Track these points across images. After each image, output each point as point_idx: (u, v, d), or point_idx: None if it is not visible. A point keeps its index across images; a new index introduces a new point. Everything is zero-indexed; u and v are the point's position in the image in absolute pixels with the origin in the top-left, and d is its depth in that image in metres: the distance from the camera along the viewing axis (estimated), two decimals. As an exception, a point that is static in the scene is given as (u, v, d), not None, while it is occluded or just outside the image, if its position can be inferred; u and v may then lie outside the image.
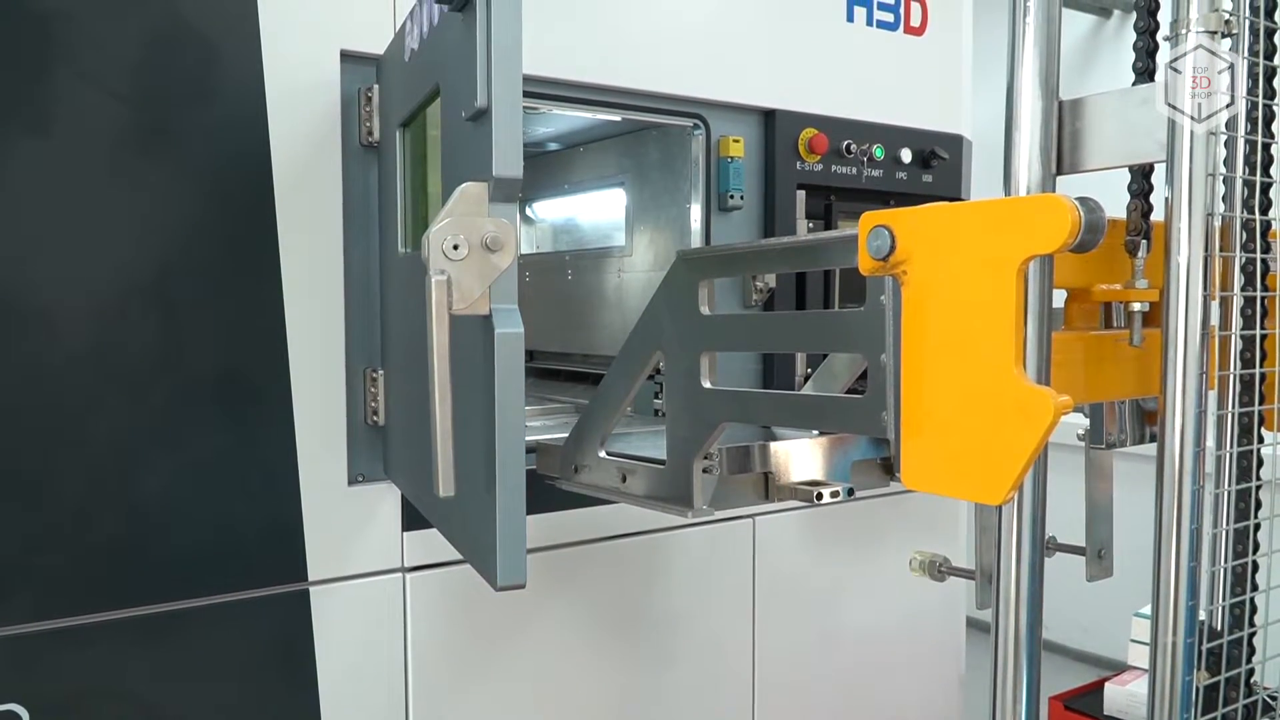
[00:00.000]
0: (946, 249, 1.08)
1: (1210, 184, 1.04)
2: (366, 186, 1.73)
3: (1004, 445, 1.00)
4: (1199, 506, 1.10)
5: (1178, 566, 1.11)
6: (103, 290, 1.53)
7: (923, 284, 1.11)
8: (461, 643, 1.86)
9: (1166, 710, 1.15)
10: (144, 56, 1.53)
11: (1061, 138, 1.10)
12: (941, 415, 1.08)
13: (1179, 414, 1.09)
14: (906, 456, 1.13)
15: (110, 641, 1.55)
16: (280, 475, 1.66)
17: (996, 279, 1.02)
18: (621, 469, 1.67)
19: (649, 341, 1.64)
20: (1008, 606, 1.21)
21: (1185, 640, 1.13)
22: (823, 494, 1.52)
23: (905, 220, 1.11)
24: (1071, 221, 0.96)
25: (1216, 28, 1.03)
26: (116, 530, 1.55)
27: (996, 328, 1.03)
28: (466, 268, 1.12)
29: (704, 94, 2.08)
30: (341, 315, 1.71)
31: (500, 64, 1.11)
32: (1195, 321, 1.08)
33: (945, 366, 1.08)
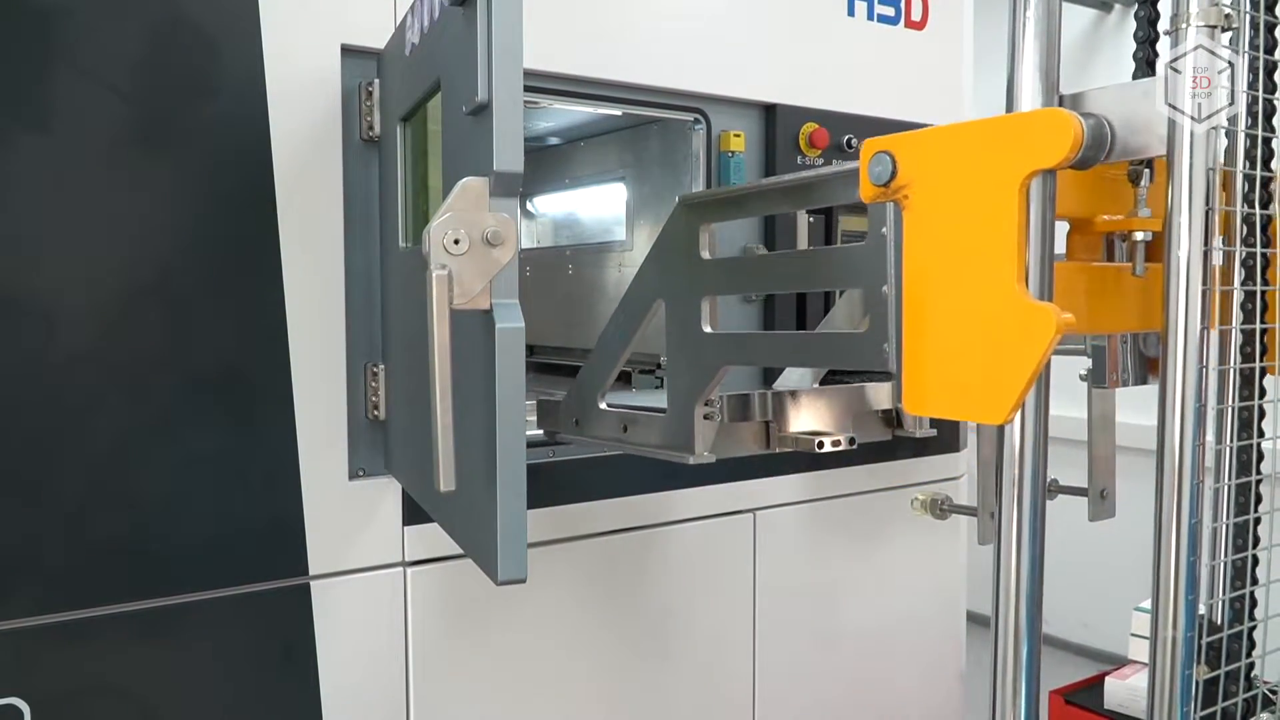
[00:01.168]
0: (949, 170, 1.08)
1: (1210, 179, 1.04)
2: (367, 181, 1.72)
3: (1006, 364, 1.01)
4: (1199, 501, 1.10)
5: (1177, 561, 1.11)
6: (103, 286, 1.52)
7: (925, 208, 1.11)
8: (462, 637, 1.86)
9: (1166, 704, 1.14)
10: (145, 52, 1.53)
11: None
12: (943, 340, 1.09)
13: (1179, 407, 1.09)
14: (908, 383, 1.14)
15: (111, 635, 1.55)
16: (281, 470, 1.66)
17: (999, 197, 1.03)
18: (623, 419, 1.68)
19: (649, 290, 1.64)
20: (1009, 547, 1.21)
21: (1185, 634, 1.13)
22: (824, 443, 1.54)
23: (907, 144, 1.12)
24: (1074, 135, 0.96)
25: (1217, 22, 1.03)
26: (118, 525, 1.55)
27: (999, 246, 1.03)
28: (467, 263, 1.12)
29: (705, 88, 2.07)
30: (342, 310, 1.71)
31: (501, 58, 1.11)
32: (1195, 314, 1.08)
33: (947, 290, 1.09)
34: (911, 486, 2.44)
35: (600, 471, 1.99)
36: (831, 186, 1.40)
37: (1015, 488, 1.19)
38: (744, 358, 1.56)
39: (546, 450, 1.93)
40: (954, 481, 2.53)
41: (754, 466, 2.20)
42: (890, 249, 1.19)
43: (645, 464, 2.05)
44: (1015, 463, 1.19)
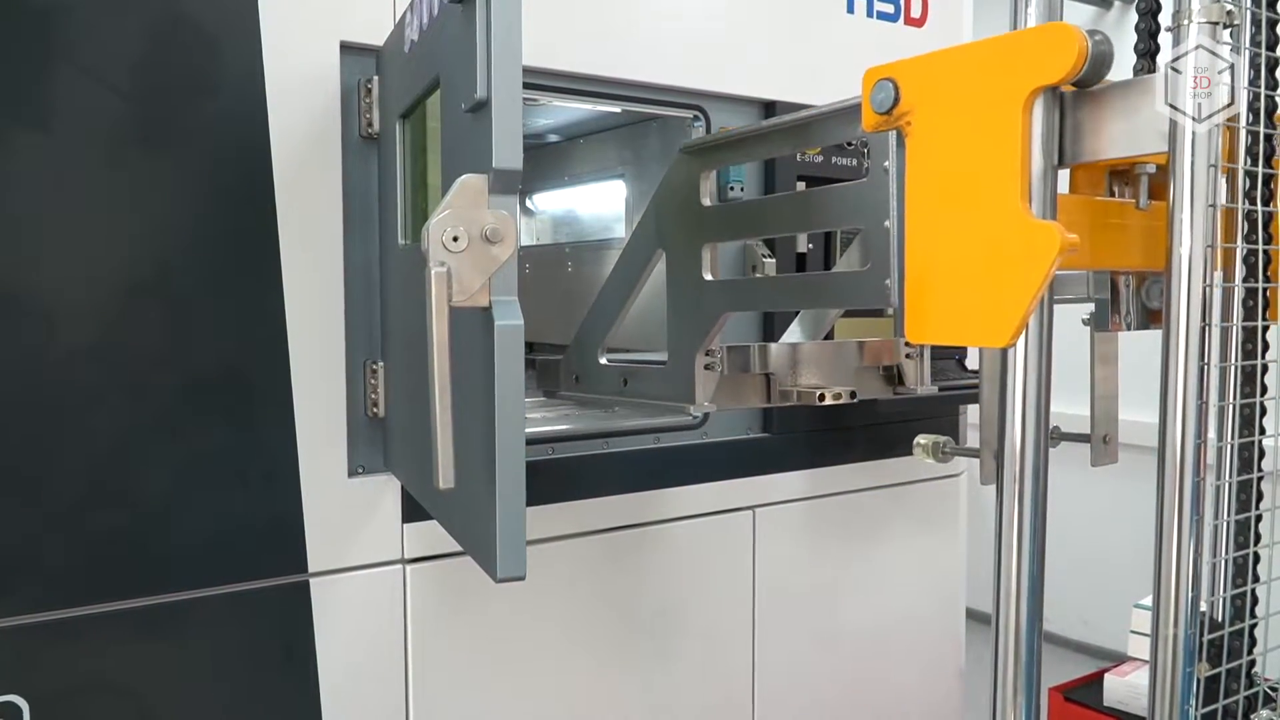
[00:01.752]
0: (952, 93, 1.09)
1: (1212, 175, 1.03)
2: (366, 178, 1.72)
3: (1010, 285, 1.01)
4: (1200, 498, 1.10)
5: (1179, 558, 1.11)
6: (103, 284, 1.52)
7: (927, 134, 1.11)
8: (461, 634, 1.86)
9: (1168, 702, 1.14)
10: (144, 50, 1.53)
11: (1063, 129, 1.10)
12: (945, 267, 1.09)
13: (1180, 405, 1.09)
14: (911, 313, 1.15)
15: (111, 633, 1.55)
16: (280, 467, 1.66)
17: (1003, 116, 1.02)
18: (623, 372, 1.68)
19: (649, 241, 1.64)
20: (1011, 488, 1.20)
21: (1186, 632, 1.13)
22: (824, 395, 1.56)
23: (909, 69, 1.12)
24: (1079, 49, 0.96)
25: (1218, 19, 1.03)
26: (117, 522, 1.55)
27: (1003, 166, 1.03)
28: (466, 260, 1.12)
29: (704, 85, 2.07)
30: (341, 307, 1.71)
31: (500, 55, 1.11)
32: (1195, 311, 1.08)
33: (949, 217, 1.11)
34: (911, 484, 2.44)
35: (599, 469, 1.99)
36: (832, 123, 1.39)
37: (1018, 426, 1.18)
38: (745, 304, 1.56)
39: (546, 448, 1.94)
40: (954, 479, 2.53)
41: (753, 463, 2.20)
42: (892, 182, 1.19)
43: (644, 461, 2.06)
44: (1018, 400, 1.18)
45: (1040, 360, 1.18)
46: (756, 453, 2.21)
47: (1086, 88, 1.08)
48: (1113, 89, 1.09)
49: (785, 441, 2.23)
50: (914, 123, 1.14)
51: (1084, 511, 3.73)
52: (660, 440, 2.08)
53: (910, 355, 1.71)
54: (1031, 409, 1.18)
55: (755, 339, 2.13)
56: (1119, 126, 1.09)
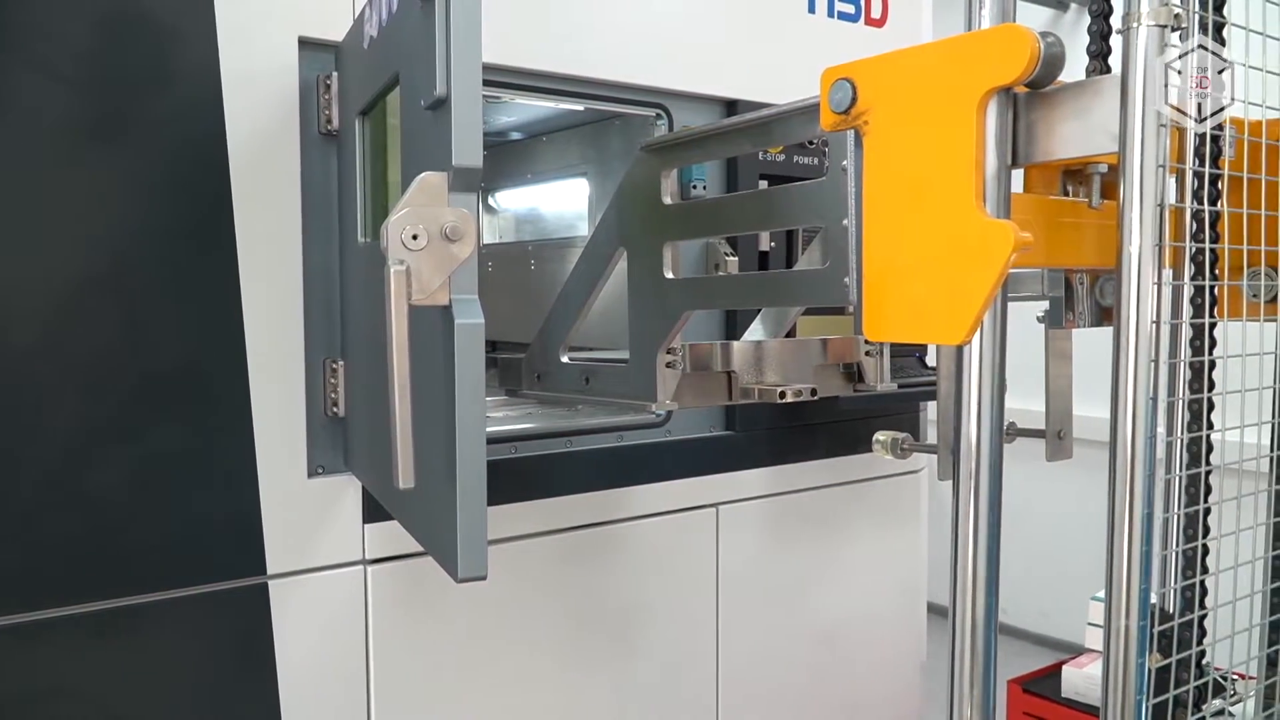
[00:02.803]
0: (908, 93, 1.10)
1: (1160, 176, 1.05)
2: (326, 175, 1.71)
3: (965, 283, 1.03)
4: (1151, 492, 1.11)
5: (1130, 552, 1.13)
6: (54, 282, 1.50)
7: (884, 133, 1.13)
8: (423, 635, 1.85)
9: (1120, 693, 1.15)
10: (96, 43, 1.50)
11: (1017, 130, 1.12)
12: (902, 265, 1.11)
13: (1130, 401, 1.11)
14: (868, 311, 1.17)
15: (68, 637, 1.53)
16: (238, 468, 1.64)
17: (958, 116, 1.04)
18: (585, 371, 1.69)
19: (611, 239, 1.65)
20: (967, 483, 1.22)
21: (1139, 624, 1.14)
22: (785, 393, 1.57)
23: (867, 69, 1.15)
24: (1031, 50, 0.99)
25: (1166, 21, 1.05)
26: (71, 525, 1.52)
27: (958, 166, 1.05)
28: (426, 258, 1.11)
29: (666, 84, 2.07)
30: (300, 305, 1.69)
31: (460, 52, 1.10)
32: (1146, 309, 1.09)
33: (906, 215, 1.11)
34: (873, 480, 2.46)
35: (562, 467, 1.99)
36: (792, 122, 1.41)
37: (974, 422, 1.20)
38: (706, 302, 1.57)
39: (508, 446, 1.93)
40: (915, 475, 2.56)
41: (716, 461, 2.21)
42: (850, 181, 1.21)
43: (607, 460, 2.06)
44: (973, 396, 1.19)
45: (995, 357, 1.20)
46: (719, 450, 2.21)
47: (1039, 89, 1.09)
48: (1065, 90, 1.10)
49: (748, 439, 2.24)
50: (871, 122, 1.15)
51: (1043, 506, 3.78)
52: (623, 439, 2.08)
53: (870, 353, 1.73)
54: (987, 405, 1.20)
55: (719, 337, 2.14)
56: (1071, 127, 1.10)
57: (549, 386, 1.74)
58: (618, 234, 1.63)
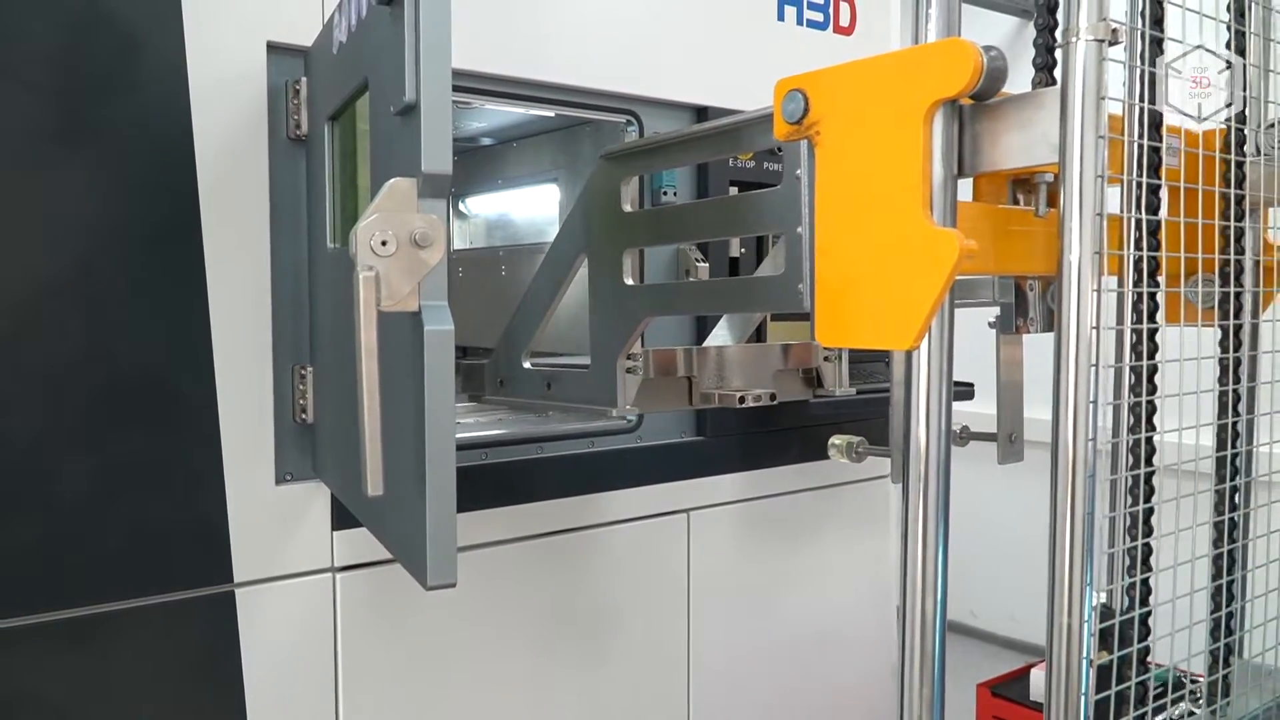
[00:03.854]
0: (858, 103, 1.13)
1: (1099, 186, 1.08)
2: (295, 180, 1.70)
3: (912, 290, 1.06)
4: (1092, 492, 1.14)
5: (1072, 551, 1.15)
6: (17, 286, 1.48)
7: (836, 143, 1.16)
8: (393, 643, 1.84)
9: (1063, 690, 1.17)
10: (62, 46, 1.49)
11: (963, 141, 1.14)
12: (853, 273, 1.14)
13: (1071, 405, 1.13)
14: (821, 317, 1.20)
15: (30, 646, 1.51)
16: (205, 474, 1.63)
17: (905, 127, 1.08)
18: (546, 377, 1.71)
19: (572, 246, 1.67)
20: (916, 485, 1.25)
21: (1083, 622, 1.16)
22: (745, 398, 1.61)
23: (818, 80, 1.17)
24: (975, 64, 1.03)
25: (1104, 36, 1.07)
26: (34, 532, 1.50)
27: (905, 175, 1.08)
28: (395, 264, 1.11)
29: (637, 90, 2.08)
30: (269, 311, 1.68)
31: (429, 58, 1.10)
32: (1086, 314, 1.12)
33: (856, 223, 1.14)
34: (843, 485, 2.47)
35: (533, 473, 1.98)
36: (749, 132, 1.44)
37: (922, 425, 1.23)
38: (665, 308, 1.60)
39: (479, 453, 1.92)
40: (884, 480, 2.57)
41: (688, 467, 2.21)
42: (804, 190, 1.23)
43: (579, 466, 2.05)
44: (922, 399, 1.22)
45: (943, 362, 1.22)
46: (690, 456, 2.22)
47: (984, 101, 1.12)
48: (1009, 103, 1.12)
49: (719, 445, 2.24)
50: (823, 132, 1.18)
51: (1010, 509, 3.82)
52: (595, 444, 2.08)
53: (829, 358, 1.75)
54: (935, 408, 1.22)
55: (691, 341, 2.15)
56: (1014, 138, 1.13)
57: (511, 392, 1.75)
58: (579, 241, 1.66)
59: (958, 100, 1.10)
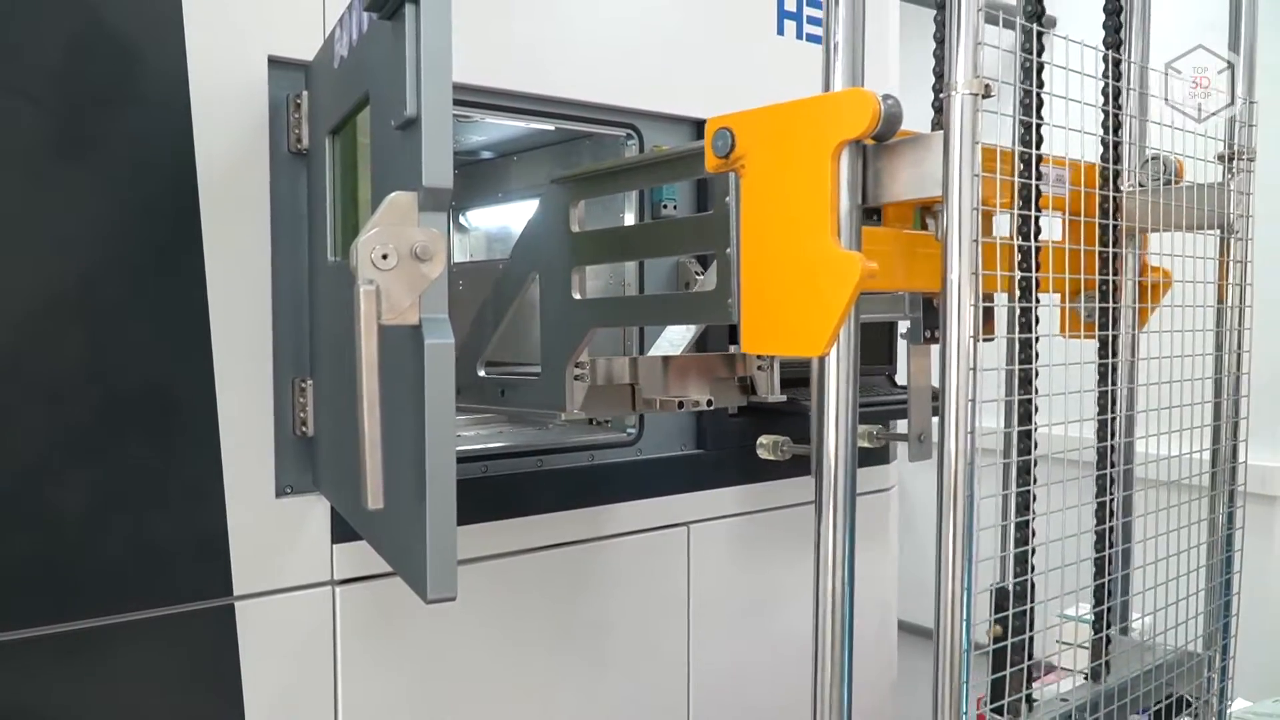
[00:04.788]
0: (776, 141, 1.31)
1: (975, 216, 1.22)
2: (295, 194, 1.70)
3: (822, 304, 1.24)
4: (971, 480, 1.26)
5: (956, 538, 1.26)
6: (19, 300, 1.48)
7: (758, 175, 1.34)
8: (392, 656, 1.83)
9: (949, 669, 1.30)
10: (65, 60, 1.50)
11: (866, 175, 1.29)
12: (773, 289, 1.31)
13: (954, 404, 1.25)
14: (746, 329, 1.36)
15: (28, 659, 1.50)
16: (205, 487, 1.63)
17: (816, 163, 1.25)
18: (500, 384, 1.84)
19: (525, 263, 1.81)
20: (828, 484, 1.39)
21: (964, 590, 1.28)
22: (684, 404, 1.75)
23: (742, 121, 1.35)
24: (874, 111, 1.19)
25: (978, 90, 1.21)
26: (35, 545, 1.50)
27: (816, 204, 1.25)
28: (396, 277, 1.11)
29: (637, 104, 2.09)
30: (269, 324, 1.68)
31: (430, 73, 1.10)
32: (965, 326, 1.24)
33: (775, 246, 1.31)
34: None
35: (533, 486, 1.98)
36: (684, 162, 1.59)
37: (831, 427, 1.37)
38: (611, 320, 1.75)
39: (479, 465, 1.92)
40: (885, 492, 2.57)
41: (687, 480, 2.21)
42: (732, 215, 1.37)
43: (578, 479, 2.05)
44: (831, 402, 1.37)
45: (850, 368, 1.36)
46: (690, 469, 2.22)
47: (884, 141, 1.27)
48: (904, 144, 1.28)
49: (718, 458, 2.24)
50: (747, 166, 1.34)
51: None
52: (594, 458, 2.08)
53: (762, 367, 1.86)
54: (844, 410, 1.36)
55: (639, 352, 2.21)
56: (908, 174, 1.28)
57: (467, 399, 1.86)
58: (531, 259, 1.79)
59: (861, 141, 1.25)
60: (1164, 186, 1.63)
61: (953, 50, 1.24)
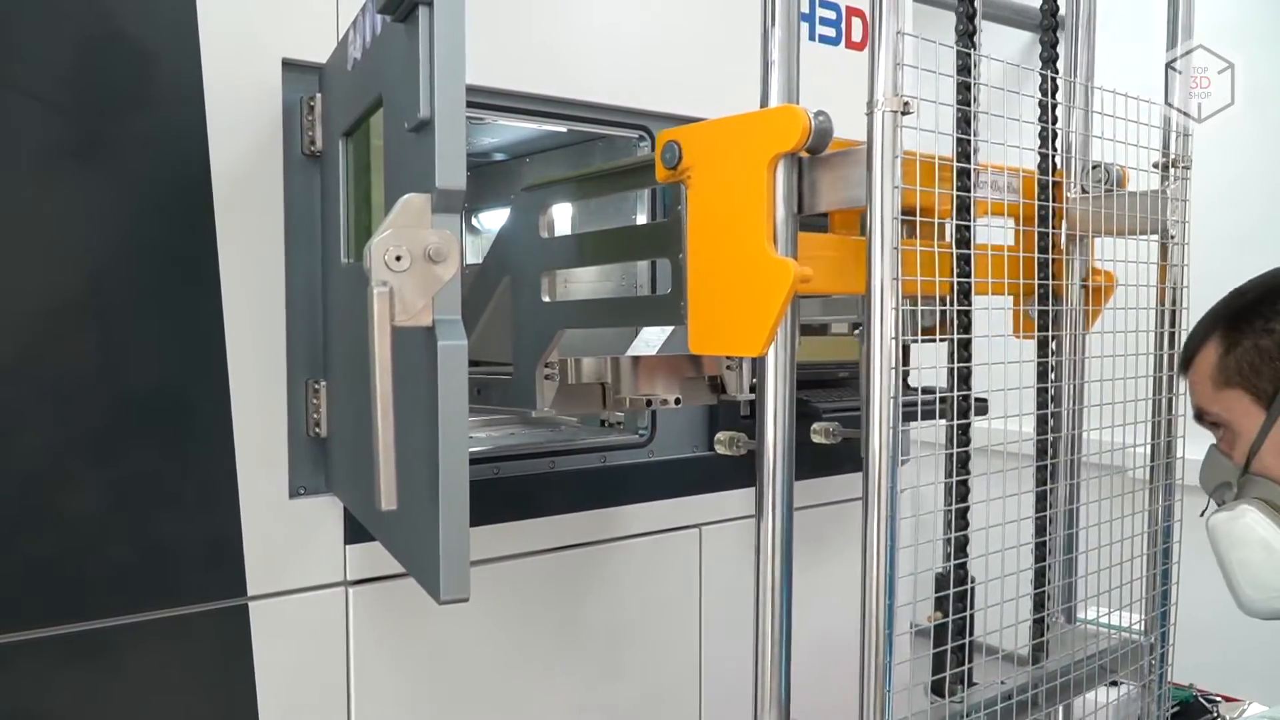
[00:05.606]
0: (718, 154, 1.40)
1: (896, 225, 1.28)
2: (309, 196, 1.71)
3: (759, 307, 1.33)
4: (895, 472, 1.32)
5: (879, 530, 1.34)
6: (33, 302, 1.49)
7: (702, 186, 1.43)
8: (405, 657, 1.84)
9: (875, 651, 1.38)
10: (78, 63, 1.50)
11: (802, 186, 1.38)
12: (717, 293, 1.41)
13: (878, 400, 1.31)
14: (693, 330, 1.45)
15: (41, 659, 1.51)
16: (218, 488, 1.63)
17: (753, 174, 1.34)
18: (476, 384, 1.94)
19: (498, 267, 1.90)
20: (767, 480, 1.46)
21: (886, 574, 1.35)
22: (651, 401, 1.82)
23: (688, 134, 1.44)
24: (804, 126, 1.29)
25: (898, 108, 1.28)
26: (48, 546, 1.51)
27: (754, 214, 1.34)
28: (409, 279, 1.11)
29: (648, 105, 2.09)
30: (283, 326, 1.69)
31: (443, 75, 1.11)
32: (887, 328, 1.29)
33: (718, 252, 1.40)
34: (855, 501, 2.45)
35: (545, 488, 1.99)
36: (639, 173, 1.69)
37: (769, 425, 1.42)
38: (577, 322, 1.83)
39: (491, 467, 1.93)
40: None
41: (699, 482, 2.21)
42: (685, 223, 1.46)
43: (590, 480, 2.06)
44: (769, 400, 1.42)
45: (786, 367, 1.42)
46: (702, 471, 2.22)
47: (817, 154, 1.35)
48: (834, 156, 1.36)
49: (731, 460, 2.24)
50: (692, 177, 1.44)
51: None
52: (606, 459, 2.08)
53: (730, 367, 1.91)
54: (781, 408, 1.42)
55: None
56: (838, 185, 1.36)
57: None
58: (503, 264, 1.88)
59: (796, 154, 1.34)
60: (1105, 193, 1.67)
61: (874, 70, 1.32)
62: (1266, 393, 1.37)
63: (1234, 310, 1.43)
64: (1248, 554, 1.39)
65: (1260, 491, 1.39)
